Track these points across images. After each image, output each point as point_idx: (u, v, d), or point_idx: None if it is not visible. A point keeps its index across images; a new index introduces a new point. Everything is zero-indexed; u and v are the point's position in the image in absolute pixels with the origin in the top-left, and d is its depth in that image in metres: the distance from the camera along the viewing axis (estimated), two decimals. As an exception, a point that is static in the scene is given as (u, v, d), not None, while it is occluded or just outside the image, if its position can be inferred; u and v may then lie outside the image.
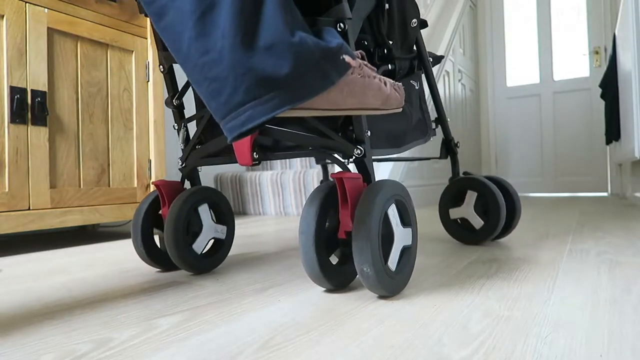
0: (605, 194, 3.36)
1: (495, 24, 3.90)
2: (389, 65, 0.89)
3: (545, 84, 3.62)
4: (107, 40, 1.37)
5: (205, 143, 0.86)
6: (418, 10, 0.93)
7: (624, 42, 2.15)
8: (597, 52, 3.41)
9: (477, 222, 1.05)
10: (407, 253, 0.67)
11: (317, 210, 0.64)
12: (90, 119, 1.33)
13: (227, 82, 0.48)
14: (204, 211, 0.85)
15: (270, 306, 0.61)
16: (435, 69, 2.70)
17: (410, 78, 0.96)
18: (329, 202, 0.66)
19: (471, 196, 1.07)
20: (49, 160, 1.22)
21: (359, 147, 0.67)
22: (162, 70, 0.84)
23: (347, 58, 0.56)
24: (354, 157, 0.67)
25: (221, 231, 0.89)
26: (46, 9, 1.21)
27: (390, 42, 0.88)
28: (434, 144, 2.79)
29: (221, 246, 0.89)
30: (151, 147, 1.51)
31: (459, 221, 1.11)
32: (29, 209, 1.16)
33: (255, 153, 0.75)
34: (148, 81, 1.51)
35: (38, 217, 1.17)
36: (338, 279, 0.67)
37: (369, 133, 0.69)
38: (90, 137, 1.33)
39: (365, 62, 0.62)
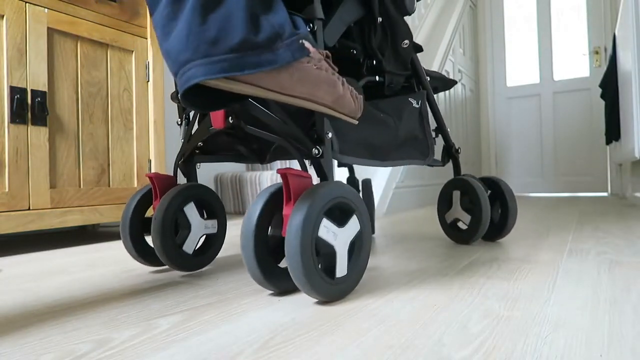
0: (605, 194, 3.36)
1: (495, 24, 3.89)
2: (377, 77, 0.89)
3: (545, 84, 3.62)
4: (107, 40, 1.37)
5: (206, 140, 0.86)
6: (410, 32, 0.92)
7: (624, 42, 2.15)
8: (597, 52, 3.41)
9: (467, 218, 1.08)
10: (358, 244, 0.65)
11: (260, 209, 0.62)
12: (90, 119, 1.33)
13: (181, 41, 0.50)
14: (191, 209, 0.84)
15: (270, 306, 0.61)
16: (435, 69, 2.70)
17: (408, 95, 0.95)
18: (276, 201, 0.64)
19: (456, 195, 1.10)
20: (49, 160, 1.22)
21: (318, 147, 0.65)
22: None
23: (306, 44, 0.56)
24: (314, 156, 0.66)
25: (212, 226, 0.88)
26: (46, 9, 1.21)
27: (382, 55, 0.88)
28: (438, 148, 2.78)
29: (214, 241, 0.89)
30: (151, 147, 1.50)
31: (453, 222, 1.13)
32: (29, 209, 1.16)
33: (230, 119, 0.74)
34: (148, 81, 1.51)
35: (38, 217, 1.17)
36: (285, 282, 0.65)
37: (330, 135, 0.67)
38: (90, 137, 1.33)
39: (329, 60, 0.62)
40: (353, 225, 0.64)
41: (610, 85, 2.64)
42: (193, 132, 0.86)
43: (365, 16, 0.83)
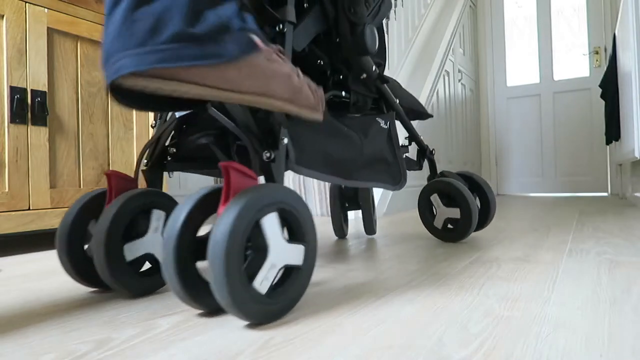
0: (605, 194, 3.36)
1: (495, 24, 3.89)
2: (343, 92, 0.86)
3: (545, 84, 3.62)
4: (107, 40, 1.37)
5: (179, 145, 0.77)
6: (371, 65, 0.86)
7: (624, 42, 2.15)
8: (597, 52, 3.41)
9: (455, 212, 1.09)
10: (295, 276, 0.56)
11: (187, 212, 0.53)
12: (91, 119, 1.33)
13: (114, 30, 0.45)
14: (144, 220, 0.69)
15: (270, 306, 0.61)
16: (435, 70, 2.70)
17: (377, 115, 0.92)
18: (210, 203, 0.56)
19: (435, 198, 1.12)
20: (49, 160, 1.22)
21: (269, 150, 0.60)
22: None
23: (256, 39, 0.51)
24: (264, 160, 0.60)
25: None
26: (46, 9, 1.21)
27: (349, 71, 0.84)
28: (412, 151, 2.79)
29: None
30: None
31: (444, 224, 1.13)
32: (29, 209, 1.16)
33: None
34: (148, 81, 1.51)
35: (38, 217, 1.17)
36: (214, 299, 0.56)
37: (285, 141, 0.62)
38: (90, 137, 1.33)
39: (280, 53, 0.57)
40: (294, 254, 0.56)
41: (610, 85, 2.64)
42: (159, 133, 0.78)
43: (326, 31, 0.80)
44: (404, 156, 1.08)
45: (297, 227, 0.57)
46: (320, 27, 0.78)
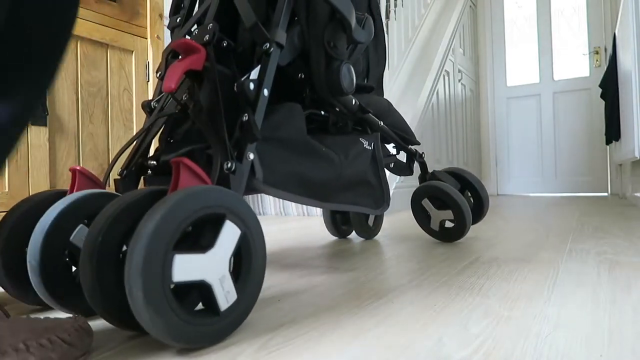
0: (605, 194, 3.36)
1: (495, 24, 3.89)
2: (322, 112, 0.82)
3: (545, 84, 3.62)
4: (107, 40, 1.37)
5: (160, 159, 0.70)
6: (347, 101, 0.80)
7: (624, 42, 2.15)
8: (597, 52, 3.41)
9: (449, 213, 1.10)
10: (245, 252, 0.50)
11: (112, 217, 0.45)
12: (90, 119, 1.33)
13: None
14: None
15: (271, 306, 0.61)
16: (435, 70, 2.70)
17: (360, 135, 0.87)
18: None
19: (426, 202, 1.12)
20: (49, 160, 1.22)
21: (232, 162, 0.55)
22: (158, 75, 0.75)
23: None
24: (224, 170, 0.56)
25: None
26: (46, 9, 1.21)
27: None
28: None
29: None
30: (151, 147, 1.51)
31: (441, 225, 1.14)
32: (29, 209, 1.16)
33: (186, 92, 0.66)
34: (148, 81, 1.51)
35: (38, 217, 1.17)
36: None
37: (251, 156, 0.58)
38: (90, 137, 1.33)
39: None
40: (228, 235, 0.47)
41: (610, 85, 2.64)
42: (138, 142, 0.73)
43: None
44: (393, 163, 1.09)
45: (245, 269, 0.50)
46: (293, 55, 0.74)
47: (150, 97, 1.50)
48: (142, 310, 0.40)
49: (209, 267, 0.45)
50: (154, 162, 0.69)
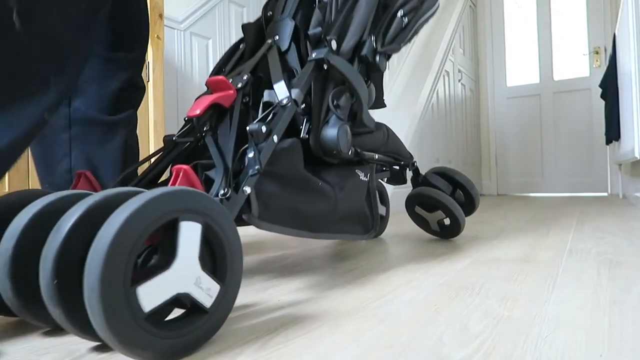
0: (605, 194, 3.36)
1: (495, 24, 3.89)
2: None
3: (545, 84, 3.62)
4: (107, 41, 1.37)
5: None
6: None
7: (624, 42, 2.15)
8: (597, 52, 3.41)
9: (443, 215, 1.14)
10: (196, 314, 0.45)
11: (74, 223, 0.42)
12: (90, 119, 1.33)
13: None
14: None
15: (271, 306, 0.61)
16: (435, 70, 2.70)
17: (356, 167, 0.86)
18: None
19: (419, 209, 1.16)
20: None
21: (229, 188, 0.56)
22: None
23: None
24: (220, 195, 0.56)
25: None
26: (46, 9, 1.21)
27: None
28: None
29: None
30: (151, 148, 1.50)
31: (440, 223, 1.17)
32: (29, 209, 1.16)
33: (207, 121, 0.66)
34: (148, 81, 1.51)
35: (38, 217, 1.17)
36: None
37: (248, 190, 0.58)
38: (90, 137, 1.33)
39: None
40: (188, 235, 0.43)
41: (610, 85, 2.64)
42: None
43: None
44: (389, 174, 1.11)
45: (220, 257, 0.47)
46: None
47: (150, 98, 1.50)
48: (129, 352, 0.39)
49: (179, 279, 0.42)
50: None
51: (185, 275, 0.43)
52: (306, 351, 0.45)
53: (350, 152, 0.80)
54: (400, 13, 0.90)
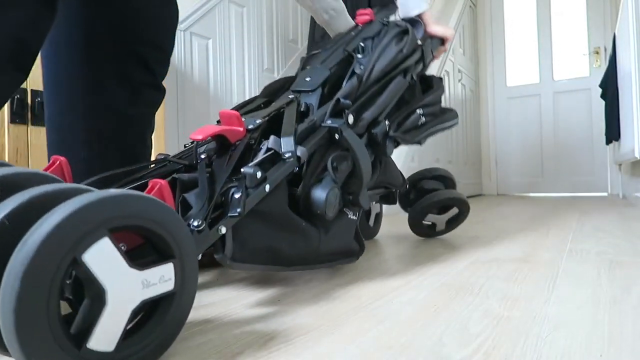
0: (605, 194, 3.36)
1: (495, 24, 3.89)
2: None
3: (545, 84, 3.62)
4: (107, 41, 1.37)
5: None
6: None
7: (624, 42, 2.15)
8: (597, 52, 3.41)
9: (454, 211, 1.17)
10: (166, 307, 0.42)
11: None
12: (90, 119, 1.33)
13: None
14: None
15: (271, 306, 0.61)
16: (435, 70, 2.70)
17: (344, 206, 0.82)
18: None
19: (430, 217, 1.17)
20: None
21: (205, 222, 0.52)
22: None
23: None
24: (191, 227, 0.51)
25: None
26: (46, 9, 1.21)
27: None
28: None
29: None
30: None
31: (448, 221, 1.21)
32: (29, 209, 1.16)
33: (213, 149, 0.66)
34: (148, 81, 1.51)
35: (38, 217, 1.17)
36: None
37: (223, 230, 0.54)
38: (90, 137, 1.33)
39: None
40: (106, 258, 0.37)
41: (610, 85, 2.64)
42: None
43: None
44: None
45: (159, 242, 0.42)
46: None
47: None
48: None
49: (122, 305, 0.37)
50: None
51: (127, 296, 0.38)
52: (306, 351, 0.45)
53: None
54: (420, 111, 0.93)
